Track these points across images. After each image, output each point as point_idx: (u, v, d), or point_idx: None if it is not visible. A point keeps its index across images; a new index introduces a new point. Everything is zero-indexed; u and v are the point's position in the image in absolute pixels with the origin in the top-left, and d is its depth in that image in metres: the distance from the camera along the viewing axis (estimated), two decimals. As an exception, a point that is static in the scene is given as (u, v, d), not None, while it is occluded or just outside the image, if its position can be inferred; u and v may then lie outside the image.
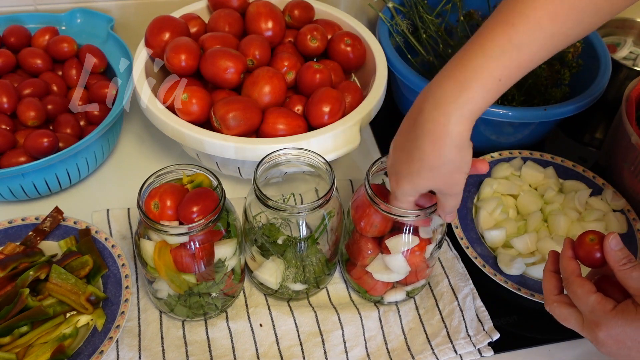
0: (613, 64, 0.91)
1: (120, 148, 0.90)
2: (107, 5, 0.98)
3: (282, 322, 0.70)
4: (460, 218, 0.79)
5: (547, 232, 0.79)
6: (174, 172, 0.63)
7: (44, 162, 0.72)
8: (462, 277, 0.75)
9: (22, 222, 0.74)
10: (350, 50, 0.85)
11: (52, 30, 0.90)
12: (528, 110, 0.82)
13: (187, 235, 0.59)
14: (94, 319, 0.66)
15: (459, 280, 0.75)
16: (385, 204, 0.61)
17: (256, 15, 0.84)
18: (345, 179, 0.86)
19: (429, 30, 0.95)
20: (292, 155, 0.66)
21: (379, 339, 0.70)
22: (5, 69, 0.85)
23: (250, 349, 0.68)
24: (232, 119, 0.72)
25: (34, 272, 0.66)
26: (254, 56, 0.80)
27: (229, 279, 0.67)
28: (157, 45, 0.80)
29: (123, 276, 0.69)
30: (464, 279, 0.75)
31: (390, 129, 0.98)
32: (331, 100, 0.75)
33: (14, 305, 0.63)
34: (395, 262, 0.65)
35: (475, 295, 0.74)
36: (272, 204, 0.61)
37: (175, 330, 0.69)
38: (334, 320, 0.70)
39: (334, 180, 0.63)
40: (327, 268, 0.71)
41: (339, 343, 0.69)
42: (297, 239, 0.66)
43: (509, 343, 0.71)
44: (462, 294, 0.74)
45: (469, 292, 0.74)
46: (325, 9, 0.91)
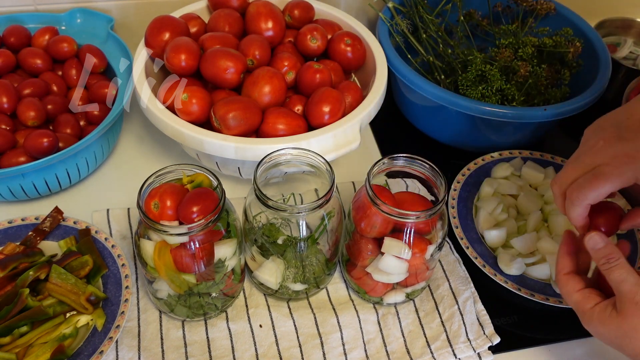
0: (613, 64, 0.91)
1: (120, 148, 0.90)
2: (107, 5, 0.98)
3: (281, 323, 0.70)
4: (460, 218, 0.79)
5: (547, 232, 0.79)
6: (174, 172, 0.63)
7: (44, 162, 0.72)
8: (463, 280, 0.75)
9: (22, 222, 0.74)
10: (350, 50, 0.85)
11: (52, 30, 0.90)
12: (528, 110, 0.82)
13: (187, 235, 0.59)
14: (93, 319, 0.66)
15: (460, 283, 0.75)
16: (385, 204, 0.61)
17: (256, 15, 0.84)
18: (347, 181, 0.86)
19: (429, 30, 0.95)
20: (292, 155, 0.66)
21: (378, 342, 0.70)
22: (5, 69, 0.85)
23: (250, 349, 0.68)
24: (232, 119, 0.72)
25: (34, 272, 0.66)
26: (254, 56, 0.80)
27: (228, 279, 0.67)
28: (157, 45, 0.80)
29: (123, 276, 0.69)
30: (465, 283, 0.75)
31: (391, 129, 0.99)
32: (331, 100, 0.75)
33: (14, 305, 0.63)
34: (389, 264, 0.65)
35: (476, 299, 0.73)
36: (272, 204, 0.61)
37: (175, 330, 0.69)
38: (332, 323, 0.70)
39: (334, 181, 0.63)
40: (327, 268, 0.71)
41: (337, 345, 0.69)
42: (297, 239, 0.66)
43: (509, 343, 0.71)
44: (463, 298, 0.73)
45: (470, 296, 0.74)
46: (325, 9, 0.91)
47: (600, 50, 0.91)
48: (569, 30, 0.93)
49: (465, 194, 0.83)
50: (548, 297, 0.72)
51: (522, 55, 0.88)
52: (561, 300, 0.72)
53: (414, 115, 0.95)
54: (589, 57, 0.92)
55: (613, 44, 1.07)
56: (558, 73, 0.92)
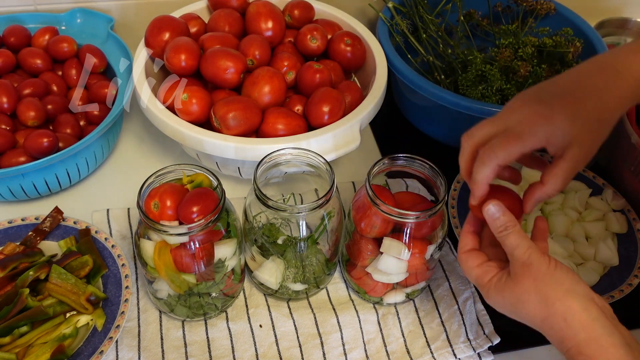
0: (613, 64, 0.90)
1: (120, 148, 0.90)
2: (107, 5, 0.98)
3: (281, 323, 0.70)
4: (460, 218, 0.79)
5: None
6: (174, 172, 0.63)
7: (44, 162, 0.72)
8: (463, 280, 0.75)
9: (22, 222, 0.74)
10: (350, 50, 0.85)
11: (52, 30, 0.90)
12: (528, 110, 0.82)
13: (187, 235, 0.59)
14: (93, 319, 0.66)
15: (460, 283, 0.75)
16: (385, 204, 0.61)
17: (256, 15, 0.84)
18: (347, 181, 0.86)
19: (429, 30, 0.95)
20: (292, 155, 0.66)
21: (378, 342, 0.70)
22: (5, 69, 0.85)
23: (250, 349, 0.68)
24: (232, 119, 0.72)
25: (34, 272, 0.66)
26: (254, 56, 0.80)
27: (228, 279, 0.67)
28: (157, 45, 0.80)
29: (123, 276, 0.69)
30: (465, 283, 0.75)
31: (391, 129, 0.99)
32: (331, 100, 0.75)
33: (14, 305, 0.63)
34: (388, 264, 0.65)
35: (476, 299, 0.73)
36: (272, 204, 0.61)
37: (175, 330, 0.69)
38: (332, 323, 0.70)
39: (334, 180, 0.63)
40: (327, 268, 0.71)
41: (337, 345, 0.69)
42: (297, 239, 0.66)
43: (509, 343, 0.71)
44: (463, 298, 0.73)
45: (470, 296, 0.73)
46: (325, 9, 0.91)
47: (600, 50, 0.91)
48: (569, 30, 0.93)
49: (465, 194, 0.82)
50: (548, 297, 0.72)
51: (522, 55, 0.88)
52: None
53: (414, 115, 0.95)
54: (589, 57, 0.91)
55: (613, 44, 1.07)
56: (558, 73, 0.92)
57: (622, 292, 0.72)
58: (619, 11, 1.17)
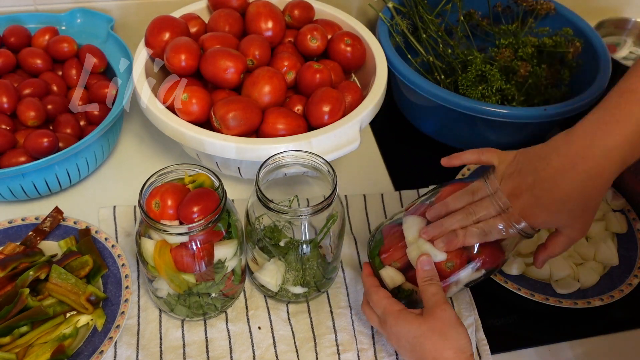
0: (613, 64, 0.90)
1: (120, 148, 0.90)
2: (107, 5, 0.98)
3: (280, 326, 0.70)
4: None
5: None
6: (176, 172, 0.63)
7: (44, 162, 0.72)
8: (468, 306, 0.73)
9: (22, 222, 0.74)
10: (350, 50, 0.85)
11: (52, 30, 0.90)
12: (528, 110, 0.82)
13: (187, 235, 0.59)
14: (94, 319, 0.66)
15: (464, 309, 0.73)
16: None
17: (256, 15, 0.84)
18: (359, 193, 0.85)
19: (429, 30, 0.95)
20: (295, 158, 0.65)
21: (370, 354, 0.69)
22: (5, 69, 0.85)
23: (247, 350, 0.68)
24: (232, 119, 0.72)
25: (34, 272, 0.66)
26: (254, 56, 0.80)
27: (228, 280, 0.67)
28: (157, 45, 0.80)
29: (123, 276, 0.69)
30: (469, 309, 0.73)
31: (391, 129, 0.99)
32: (331, 100, 0.75)
33: (14, 305, 0.63)
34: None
35: (478, 327, 0.71)
36: (273, 206, 0.61)
37: (174, 330, 0.69)
38: (328, 325, 0.70)
39: (336, 184, 0.62)
40: (328, 272, 0.71)
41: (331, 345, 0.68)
42: (300, 242, 0.65)
43: (509, 343, 0.71)
44: (465, 324, 0.70)
45: (472, 323, 0.71)
46: (325, 9, 0.91)
47: (600, 50, 0.91)
48: (569, 30, 0.93)
49: (465, 194, 0.82)
50: (548, 297, 0.72)
51: (522, 55, 0.88)
52: (561, 300, 0.71)
53: (414, 115, 0.95)
54: (588, 57, 0.92)
55: (613, 44, 1.07)
56: (558, 73, 0.92)
57: (622, 292, 0.72)
58: (619, 11, 1.17)
